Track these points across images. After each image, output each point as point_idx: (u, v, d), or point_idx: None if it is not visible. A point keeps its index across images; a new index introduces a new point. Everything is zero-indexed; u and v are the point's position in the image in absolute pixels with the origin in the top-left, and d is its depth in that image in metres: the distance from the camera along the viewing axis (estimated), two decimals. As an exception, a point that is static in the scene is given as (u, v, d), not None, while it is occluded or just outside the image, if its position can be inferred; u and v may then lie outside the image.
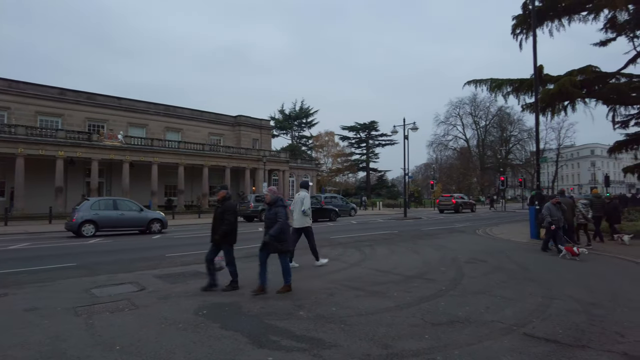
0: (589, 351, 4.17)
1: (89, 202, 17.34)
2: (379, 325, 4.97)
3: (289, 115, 65.43)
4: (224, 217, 6.89)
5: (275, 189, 7.20)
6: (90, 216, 16.62)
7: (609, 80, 22.43)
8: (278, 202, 6.75)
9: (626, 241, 12.72)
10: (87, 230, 16.42)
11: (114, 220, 17.30)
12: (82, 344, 4.40)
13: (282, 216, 6.60)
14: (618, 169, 56.05)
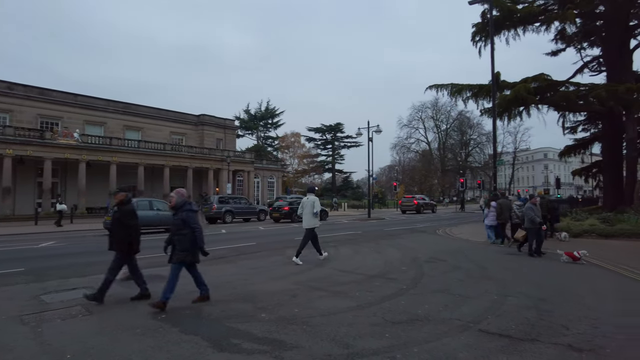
0: (538, 344, 4.40)
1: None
2: (341, 325, 5.02)
3: (254, 116, 64.77)
4: (123, 224, 6.11)
5: (184, 191, 6.30)
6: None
7: (559, 88, 23.75)
8: (185, 206, 5.95)
9: (563, 238, 14.20)
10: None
11: (151, 219, 19.10)
12: (29, 354, 4.18)
13: (195, 223, 5.86)
14: (568, 172, 59.39)
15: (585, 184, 41.88)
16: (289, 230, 20.08)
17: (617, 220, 15.82)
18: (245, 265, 9.64)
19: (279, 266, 9.50)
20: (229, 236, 16.95)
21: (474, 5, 18.67)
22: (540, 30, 24.99)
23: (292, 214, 25.67)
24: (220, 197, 26.70)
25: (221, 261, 10.32)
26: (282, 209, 26.00)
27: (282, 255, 11.22)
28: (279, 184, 51.14)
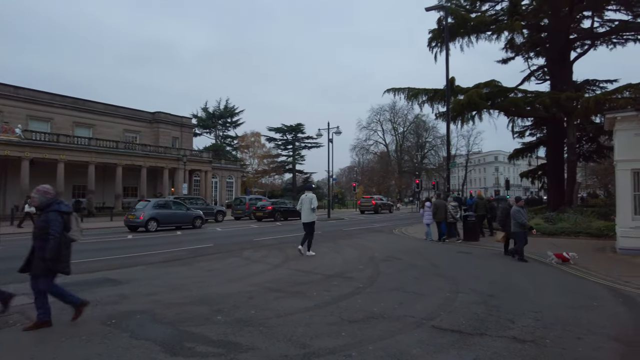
0: (486, 338, 4.62)
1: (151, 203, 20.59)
2: (298, 326, 5.03)
3: (212, 114, 63.35)
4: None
5: (48, 187, 5.16)
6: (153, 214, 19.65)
7: (509, 94, 25.03)
8: (53, 207, 4.96)
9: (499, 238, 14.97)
10: (152, 226, 19.36)
11: (169, 216, 20.59)
12: (-39, 365, 3.87)
13: (54, 228, 4.81)
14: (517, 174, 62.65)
15: (532, 186, 44.40)
16: (248, 231, 19.86)
17: (558, 219, 16.90)
18: (201, 267, 9.42)
19: (236, 268, 9.36)
20: (185, 238, 16.51)
21: (430, 11, 19.31)
22: (491, 39, 26.26)
23: (274, 213, 27.14)
24: (176, 198, 25.92)
25: (176, 263, 10.05)
26: (265, 208, 27.38)
27: (239, 256, 11.06)
28: (238, 184, 50.37)
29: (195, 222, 21.55)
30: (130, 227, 19.70)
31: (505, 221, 11.05)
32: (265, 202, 28.58)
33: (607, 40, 25.86)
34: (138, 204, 21.06)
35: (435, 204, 15.14)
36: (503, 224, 11.16)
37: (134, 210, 20.15)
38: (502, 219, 11.23)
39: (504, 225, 11.10)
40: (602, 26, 25.89)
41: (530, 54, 28.82)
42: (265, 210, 27.17)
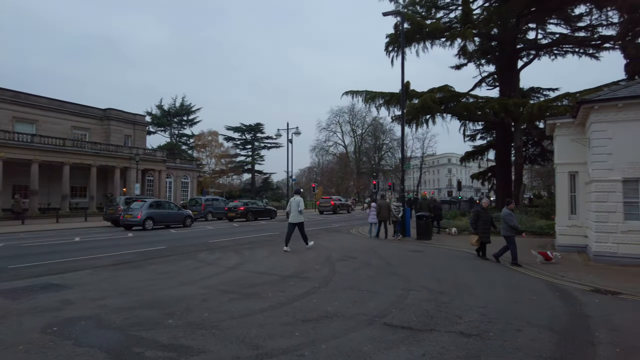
0: (435, 333, 4.80)
1: (147, 203, 21.72)
2: (251, 327, 4.99)
3: (168, 112, 61.25)
4: None
5: None
6: (150, 213, 20.98)
7: (461, 99, 26.16)
8: None
9: (453, 233, 16.54)
10: (149, 225, 20.67)
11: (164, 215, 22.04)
12: None
13: None
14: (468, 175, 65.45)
15: (482, 187, 46.50)
16: (204, 233, 19.42)
17: (505, 219, 17.78)
18: (153, 270, 9.12)
19: (190, 270, 9.13)
20: (137, 240, 15.88)
21: (388, 16, 19.76)
22: (445, 45, 27.32)
23: (247, 213, 27.84)
24: (127, 199, 24.88)
25: (126, 266, 9.65)
26: (237, 208, 28.03)
27: (193, 259, 10.80)
28: (193, 184, 49.06)
29: (186, 221, 22.97)
30: (126, 225, 20.94)
31: (476, 224, 10.89)
32: (237, 203, 29.66)
33: (550, 51, 27.66)
34: (134, 204, 22.18)
35: (378, 204, 16.22)
36: (474, 226, 11.00)
37: (130, 210, 21.21)
38: (473, 221, 11.08)
39: (475, 228, 10.96)
40: (545, 38, 27.70)
41: (481, 61, 30.28)
42: (238, 211, 27.90)
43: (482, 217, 10.75)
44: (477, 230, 10.81)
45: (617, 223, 9.76)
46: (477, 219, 10.82)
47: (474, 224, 10.94)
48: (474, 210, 11.22)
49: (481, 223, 10.72)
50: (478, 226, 10.77)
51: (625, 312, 5.87)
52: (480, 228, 10.72)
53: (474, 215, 11.07)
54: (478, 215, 10.84)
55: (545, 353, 4.20)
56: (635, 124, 9.74)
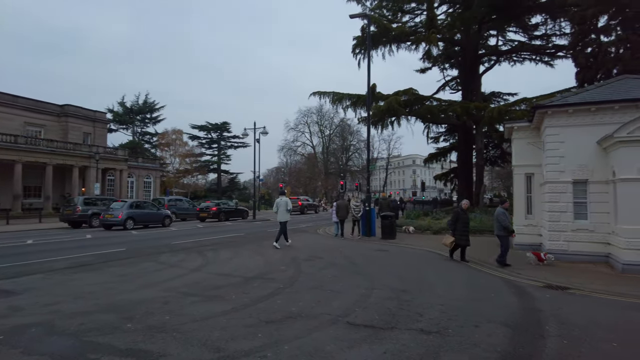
0: (396, 331, 4.90)
1: (127, 203, 22.20)
2: (214, 330, 4.92)
3: (130, 109, 59.11)
4: None
5: None
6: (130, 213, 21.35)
7: (425, 102, 26.84)
8: None
9: (411, 232, 17.08)
10: (129, 224, 20.97)
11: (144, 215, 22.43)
12: None
13: None
14: (432, 176, 67.12)
15: (445, 187, 47.81)
16: (166, 234, 18.93)
17: (467, 219, 18.39)
18: (112, 273, 8.80)
19: (150, 273, 8.88)
20: (95, 242, 15.27)
21: (355, 19, 19.97)
22: (411, 49, 27.99)
23: (219, 213, 27.95)
24: (86, 199, 23.87)
25: (84, 269, 9.26)
26: (210, 209, 28.19)
27: (155, 261, 10.50)
28: (157, 184, 47.70)
29: (165, 221, 23.36)
30: (106, 225, 21.00)
31: (455, 225, 10.51)
32: (209, 203, 29.99)
33: (509, 57, 28.89)
34: (114, 204, 22.41)
35: (337, 204, 16.93)
36: (453, 228, 10.59)
37: (111, 210, 21.38)
38: (452, 222, 10.66)
39: (453, 230, 10.55)
40: (505, 45, 28.93)
41: (445, 65, 31.23)
42: (210, 211, 28.03)
43: (461, 219, 10.40)
44: (455, 232, 10.48)
45: (568, 222, 10.31)
46: (457, 221, 10.47)
47: (453, 225, 10.58)
48: (453, 211, 10.79)
49: (460, 225, 10.40)
50: (457, 228, 10.45)
51: (573, 306, 6.21)
52: (459, 230, 10.41)
53: (454, 216, 10.71)
54: (457, 217, 10.49)
55: (499, 347, 4.37)
56: (584, 128, 10.32)
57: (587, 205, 10.27)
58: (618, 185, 9.11)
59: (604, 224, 9.97)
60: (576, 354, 4.21)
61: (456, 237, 10.47)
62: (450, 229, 10.75)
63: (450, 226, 10.76)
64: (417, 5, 27.71)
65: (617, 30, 18.18)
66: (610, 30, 18.41)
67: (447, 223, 11.33)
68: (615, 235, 9.34)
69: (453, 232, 10.58)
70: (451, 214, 10.91)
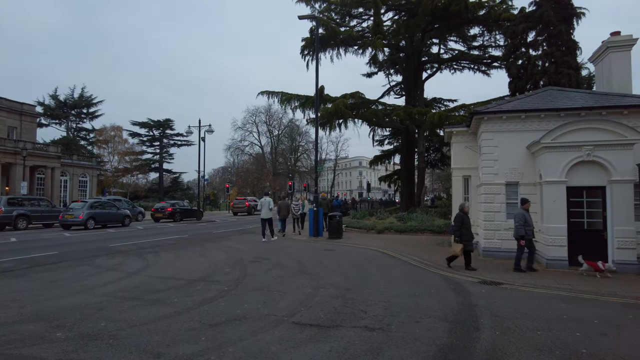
0: (341, 329, 4.98)
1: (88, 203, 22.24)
2: (154, 334, 4.71)
3: (64, 103, 54.97)
4: None
5: None
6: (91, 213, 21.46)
7: (371, 106, 27.54)
8: None
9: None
10: (90, 224, 21.12)
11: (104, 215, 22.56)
12: None
13: None
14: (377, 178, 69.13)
15: (389, 189, 49.34)
16: (102, 236, 17.85)
17: (409, 218, 19.14)
18: (40, 279, 8.14)
19: (85, 277, 8.33)
20: (22, 245, 14.05)
21: (304, 20, 20.05)
22: (358, 53, 28.59)
23: (174, 214, 28.16)
24: (11, 199, 21.90)
25: (6, 275, 8.49)
26: (165, 210, 28.32)
27: (90, 265, 9.87)
28: (93, 183, 44.78)
29: (125, 221, 23.60)
30: (65, 225, 20.94)
31: (460, 231, 9.48)
32: (164, 204, 30.12)
33: (450, 65, 30.36)
34: (74, 204, 22.63)
35: (278, 205, 17.92)
36: (459, 234, 9.52)
37: (70, 210, 21.52)
38: (457, 228, 9.56)
39: (460, 236, 9.49)
40: (446, 53, 30.37)
41: (390, 70, 32.20)
42: (165, 212, 28.18)
43: (466, 223, 9.48)
44: (462, 238, 9.43)
45: (501, 221, 11.03)
46: (462, 225, 9.47)
47: (459, 230, 9.48)
48: (457, 215, 9.66)
49: (466, 230, 9.45)
50: (463, 234, 9.42)
51: (505, 300, 6.65)
52: (466, 235, 9.42)
53: (458, 221, 9.54)
54: (462, 221, 9.47)
55: (438, 341, 4.58)
56: (515, 134, 11.11)
57: (518, 205, 11.04)
58: (544, 187, 9.89)
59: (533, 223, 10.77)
60: (506, 343, 4.52)
61: (465, 244, 9.41)
62: (456, 236, 9.61)
63: (455, 232, 9.61)
64: (364, 11, 28.31)
65: (543, 45, 19.71)
66: (538, 45, 19.91)
67: (447, 229, 9.91)
68: (541, 233, 10.13)
69: (460, 238, 9.48)
70: (455, 219, 9.72)
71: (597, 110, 10.23)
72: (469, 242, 9.47)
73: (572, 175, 9.51)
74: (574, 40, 18.97)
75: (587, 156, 9.33)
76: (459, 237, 9.53)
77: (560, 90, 12.59)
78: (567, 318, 5.55)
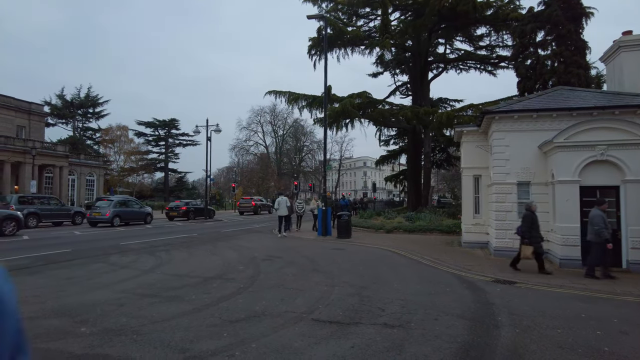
0: (361, 326, 5.01)
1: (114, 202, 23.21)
2: (176, 330, 4.77)
3: (71, 102, 55.35)
4: None
5: None
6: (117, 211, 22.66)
7: (377, 106, 27.53)
8: None
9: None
10: (116, 222, 22.29)
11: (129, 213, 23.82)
12: None
13: None
14: (382, 178, 68.99)
15: (394, 189, 49.29)
16: (112, 234, 17.96)
17: (417, 218, 19.13)
18: (56, 276, 8.23)
19: (100, 274, 8.40)
20: (34, 243, 14.18)
21: (312, 20, 20.10)
22: (365, 53, 28.64)
23: (189, 212, 28.94)
24: (21, 197, 22.08)
25: (23, 272, 8.57)
26: (180, 208, 29.24)
27: (104, 262, 9.95)
28: (100, 182, 45.07)
29: (147, 219, 24.84)
30: (93, 223, 22.19)
31: (530, 232, 8.86)
32: (179, 203, 31.12)
33: (456, 65, 30.32)
34: (100, 202, 23.93)
35: (278, 202, 18.01)
36: (528, 235, 8.87)
37: (97, 208, 22.80)
38: (527, 229, 8.90)
39: (529, 237, 8.84)
40: (452, 53, 30.32)
41: (396, 70, 32.17)
42: (180, 210, 29.10)
43: (536, 223, 8.92)
44: (532, 240, 8.80)
45: (513, 221, 10.99)
46: (532, 226, 8.87)
47: (529, 232, 8.84)
48: (526, 215, 9.03)
49: (536, 231, 8.88)
50: (534, 235, 8.83)
51: (521, 298, 6.65)
52: (536, 237, 8.85)
53: (528, 221, 8.90)
54: (533, 221, 8.88)
55: (459, 338, 4.61)
56: (526, 133, 11.10)
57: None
58: (556, 187, 9.88)
59: (545, 223, 10.74)
60: (527, 341, 4.53)
61: (535, 246, 8.79)
62: (525, 237, 8.89)
63: (525, 234, 8.90)
64: (371, 10, 28.32)
65: (552, 45, 19.65)
66: (547, 45, 19.86)
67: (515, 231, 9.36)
68: (553, 232, 10.11)
69: (529, 240, 8.81)
70: (524, 219, 9.07)
71: (610, 109, 10.20)
72: (539, 245, 8.87)
73: (585, 174, 9.50)
74: (583, 39, 18.91)
75: (601, 156, 9.32)
76: (528, 238, 8.82)
77: (571, 90, 12.57)
78: (586, 317, 5.55)
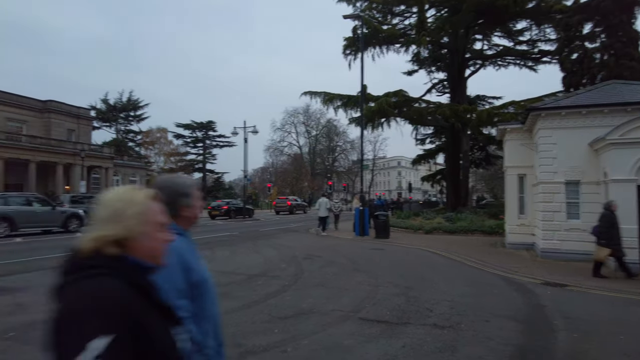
0: (410, 326, 4.98)
1: None
2: (228, 326, 4.87)
3: (114, 106, 58.01)
4: None
5: None
6: None
7: (413, 104, 27.12)
8: None
9: None
10: None
11: None
12: None
13: None
14: (418, 178, 67.85)
15: (431, 189, 48.39)
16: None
17: (457, 219, 18.70)
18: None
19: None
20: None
21: (347, 19, 20.10)
22: (400, 51, 28.27)
23: (229, 211, 29.91)
24: (73, 197, 23.35)
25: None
26: (221, 207, 30.32)
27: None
28: (142, 183, 46.99)
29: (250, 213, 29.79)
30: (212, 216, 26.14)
31: (609, 233, 8.11)
32: (220, 202, 32.34)
33: (494, 61, 29.40)
34: None
35: (318, 202, 18.54)
36: (606, 236, 8.11)
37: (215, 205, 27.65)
38: (605, 230, 8.16)
39: (607, 239, 8.09)
40: (490, 49, 29.42)
41: (432, 68, 31.55)
42: (221, 209, 30.14)
43: (616, 224, 8.18)
44: (612, 242, 8.07)
45: (561, 221, 10.57)
46: (612, 227, 8.16)
47: (608, 233, 8.11)
48: (604, 214, 8.32)
49: (616, 232, 8.15)
50: (613, 236, 8.10)
51: (574, 302, 6.39)
52: (616, 238, 8.11)
53: (607, 222, 8.20)
54: (612, 222, 8.17)
55: (513, 340, 4.49)
56: (575, 131, 10.61)
57: (580, 205, 10.55)
58: (610, 186, 9.40)
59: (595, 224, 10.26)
60: (587, 346, 4.35)
61: (614, 248, 8.10)
62: (603, 239, 8.15)
63: (603, 235, 8.17)
64: (406, 8, 27.95)
65: (601, 37, 18.71)
66: (595, 37, 18.94)
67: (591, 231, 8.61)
68: (606, 234, 9.61)
69: (608, 242, 8.10)
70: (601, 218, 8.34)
71: (669, 104, 9.61)
72: (618, 247, 8.11)
73: (643, 173, 8.98)
74: (635, 30, 17.90)
75: (660, 153, 8.79)
76: (605, 239, 8.10)
77: (624, 84, 11.92)
78: (649, 322, 5.27)
